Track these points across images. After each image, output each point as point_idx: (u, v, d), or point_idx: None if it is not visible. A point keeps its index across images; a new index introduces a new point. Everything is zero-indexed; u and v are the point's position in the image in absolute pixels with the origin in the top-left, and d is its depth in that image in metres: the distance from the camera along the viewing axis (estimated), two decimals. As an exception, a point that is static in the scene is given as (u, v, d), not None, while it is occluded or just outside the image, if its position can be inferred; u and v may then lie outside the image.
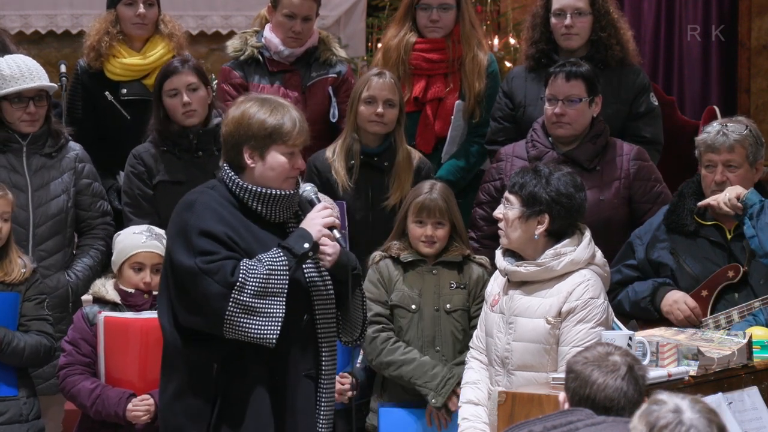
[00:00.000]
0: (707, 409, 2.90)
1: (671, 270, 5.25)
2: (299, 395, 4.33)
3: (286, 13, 6.10)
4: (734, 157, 5.17)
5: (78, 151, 5.74)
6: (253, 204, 4.35)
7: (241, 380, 4.28)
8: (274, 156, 4.34)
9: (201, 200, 4.33)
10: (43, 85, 5.62)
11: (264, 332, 4.18)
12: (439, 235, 5.40)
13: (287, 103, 4.45)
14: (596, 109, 5.63)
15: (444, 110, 6.17)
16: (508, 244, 4.79)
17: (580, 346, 4.49)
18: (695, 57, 9.03)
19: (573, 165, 5.50)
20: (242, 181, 4.35)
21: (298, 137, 4.36)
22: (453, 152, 6.16)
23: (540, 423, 3.23)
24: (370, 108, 5.68)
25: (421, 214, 5.37)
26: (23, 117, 5.60)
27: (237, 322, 4.18)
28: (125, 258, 5.22)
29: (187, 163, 5.69)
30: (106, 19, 6.21)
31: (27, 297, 5.19)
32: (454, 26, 6.19)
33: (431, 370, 5.30)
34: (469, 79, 6.15)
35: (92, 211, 5.74)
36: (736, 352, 4.38)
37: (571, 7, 5.96)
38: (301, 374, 4.33)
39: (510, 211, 4.77)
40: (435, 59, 6.17)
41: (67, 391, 5.15)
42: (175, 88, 5.67)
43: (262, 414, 4.27)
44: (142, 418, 5.06)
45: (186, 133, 5.68)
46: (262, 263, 4.21)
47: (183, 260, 4.24)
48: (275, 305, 4.19)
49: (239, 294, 4.17)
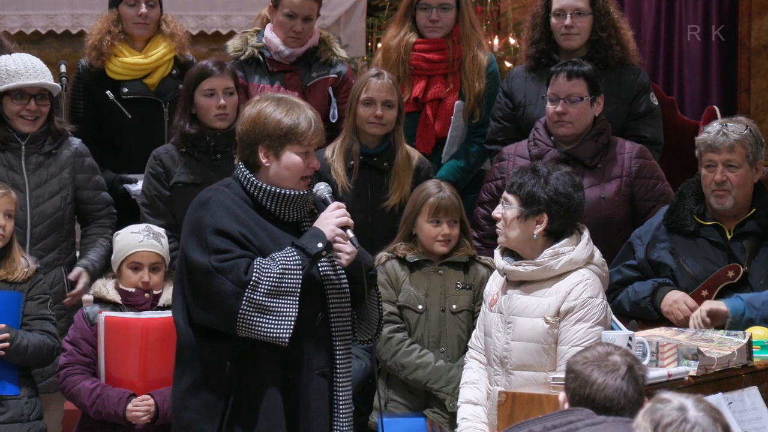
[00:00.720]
0: (711, 407, 2.91)
1: (671, 270, 5.25)
2: (313, 393, 4.33)
3: (287, 12, 6.10)
4: (734, 156, 5.17)
5: (77, 146, 5.75)
6: (266, 203, 4.36)
7: (254, 378, 4.29)
8: (288, 156, 4.36)
9: (215, 198, 4.35)
10: (46, 83, 5.62)
11: (277, 331, 4.19)
12: (455, 233, 5.42)
13: (303, 103, 4.46)
14: (598, 109, 5.63)
15: (444, 110, 6.17)
16: (507, 243, 4.79)
17: (578, 346, 4.50)
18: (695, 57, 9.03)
19: (575, 163, 5.52)
20: (257, 180, 4.36)
21: (314, 137, 4.38)
22: (453, 153, 6.16)
23: (540, 423, 3.23)
24: (369, 109, 5.68)
25: (438, 213, 5.38)
26: (22, 113, 5.60)
27: (250, 321, 4.19)
28: (123, 257, 5.22)
29: (204, 165, 5.69)
30: (108, 18, 6.21)
31: (30, 296, 5.19)
32: (454, 26, 6.19)
33: (447, 374, 5.31)
34: (469, 80, 6.15)
35: (96, 204, 5.76)
36: (736, 352, 4.38)
37: (571, 7, 5.96)
38: (315, 372, 4.33)
39: (508, 211, 4.77)
40: (435, 59, 6.17)
41: (67, 391, 5.15)
42: (212, 89, 5.64)
43: (274, 412, 4.28)
44: (142, 418, 5.06)
45: (203, 135, 5.67)
46: (275, 262, 4.22)
47: (197, 258, 4.26)
48: (288, 304, 4.20)
49: (252, 293, 4.18)
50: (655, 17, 9.06)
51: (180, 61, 6.26)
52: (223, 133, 5.67)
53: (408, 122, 5.97)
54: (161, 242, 5.27)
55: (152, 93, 6.20)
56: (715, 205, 5.20)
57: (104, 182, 5.83)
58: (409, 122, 6.05)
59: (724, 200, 5.17)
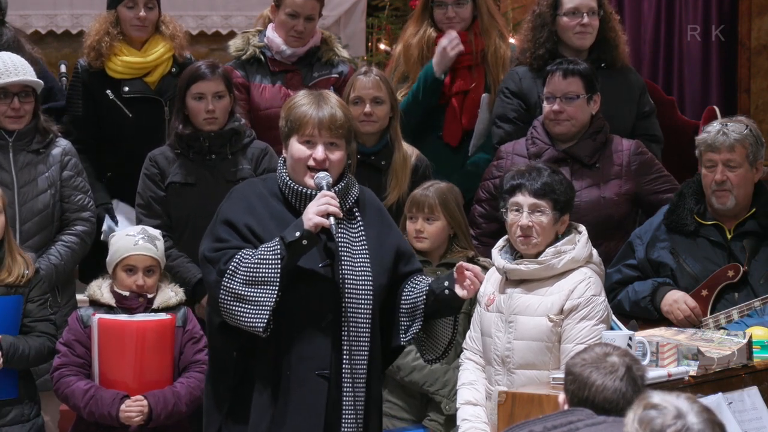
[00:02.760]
0: (704, 408, 2.88)
1: (671, 270, 5.26)
2: (307, 393, 4.29)
3: (289, 12, 6.11)
4: (734, 156, 5.17)
5: (65, 146, 5.75)
6: (291, 198, 4.37)
7: (250, 371, 4.31)
8: (292, 145, 4.37)
9: (239, 189, 4.43)
10: (27, 80, 5.62)
11: (252, 320, 4.19)
12: (430, 231, 5.39)
13: (333, 100, 4.41)
14: (595, 107, 5.63)
15: (470, 103, 6.16)
16: (537, 249, 4.77)
17: (583, 344, 4.51)
18: (695, 57, 9.02)
19: (573, 162, 5.52)
20: (285, 175, 4.39)
21: (308, 126, 4.32)
22: (480, 145, 6.15)
23: (540, 423, 3.23)
24: (358, 108, 5.65)
25: (412, 209, 5.39)
26: (8, 112, 5.60)
27: (230, 309, 4.22)
28: (118, 260, 5.22)
29: (198, 165, 5.69)
30: (107, 19, 6.20)
31: (30, 298, 5.16)
32: (472, 20, 6.19)
33: (443, 376, 5.30)
34: (492, 72, 6.16)
35: (70, 204, 5.73)
36: (736, 352, 4.38)
37: (586, 6, 5.96)
38: (313, 372, 4.30)
39: (544, 218, 4.75)
40: None
41: (61, 392, 5.14)
42: (201, 93, 5.65)
43: (262, 406, 4.28)
44: (135, 419, 5.06)
45: (198, 135, 5.67)
46: (256, 252, 4.23)
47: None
48: (265, 293, 4.19)
49: (229, 281, 4.21)
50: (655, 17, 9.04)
51: (179, 61, 6.26)
52: (217, 133, 5.68)
53: (435, 115, 5.95)
54: (156, 245, 5.26)
55: (153, 91, 6.20)
56: (717, 205, 5.21)
57: (86, 186, 5.80)
58: (436, 115, 6.03)
59: (725, 200, 5.18)
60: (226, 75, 5.76)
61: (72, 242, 5.70)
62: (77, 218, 5.75)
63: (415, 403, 5.43)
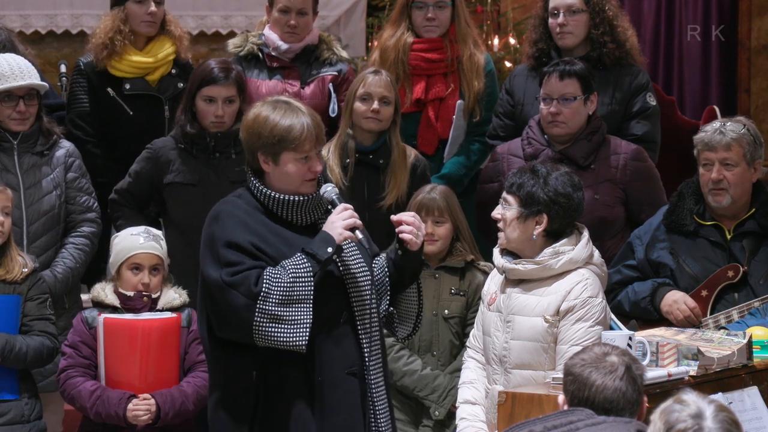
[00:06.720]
0: (731, 419, 2.86)
1: (671, 270, 5.26)
2: (343, 394, 4.29)
3: (281, 8, 6.15)
4: (731, 155, 5.17)
5: (68, 148, 5.75)
6: (277, 210, 4.34)
7: (281, 386, 4.27)
8: (286, 162, 4.33)
9: (226, 210, 4.34)
10: (33, 83, 5.62)
11: (293, 339, 4.18)
12: (440, 233, 5.42)
13: (303, 108, 4.40)
14: (591, 107, 5.63)
15: (445, 110, 6.17)
16: (507, 244, 4.79)
17: (578, 345, 4.51)
18: (695, 57, 9.02)
19: (568, 163, 5.51)
20: (265, 188, 4.34)
21: (306, 143, 4.31)
22: (455, 152, 6.16)
23: (540, 423, 3.23)
24: (366, 105, 5.68)
25: (420, 212, 5.38)
26: (13, 115, 5.60)
27: (265, 332, 4.18)
28: (123, 259, 5.22)
29: (202, 163, 5.69)
30: (116, 17, 6.20)
31: (29, 297, 5.17)
32: (450, 25, 6.20)
33: (432, 382, 5.31)
34: (467, 78, 6.16)
35: (75, 205, 5.73)
36: (736, 352, 4.38)
37: (563, 5, 5.95)
38: (344, 372, 4.30)
39: (508, 212, 4.77)
40: (434, 59, 6.17)
41: (68, 394, 5.14)
42: (212, 97, 5.64)
43: (303, 417, 4.26)
44: (142, 417, 5.05)
45: (203, 134, 5.67)
46: (285, 271, 4.20)
47: (211, 273, 4.26)
48: (302, 311, 4.19)
49: (264, 303, 4.17)
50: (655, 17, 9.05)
51: (180, 62, 6.27)
52: (224, 133, 5.67)
53: (409, 123, 5.97)
54: (160, 244, 5.27)
55: (154, 89, 6.21)
56: (713, 204, 5.21)
57: (90, 187, 5.80)
58: (410, 123, 6.05)
59: (721, 198, 5.18)
60: (239, 78, 5.72)
61: (83, 244, 5.70)
62: (83, 219, 5.75)
63: (410, 403, 5.43)
